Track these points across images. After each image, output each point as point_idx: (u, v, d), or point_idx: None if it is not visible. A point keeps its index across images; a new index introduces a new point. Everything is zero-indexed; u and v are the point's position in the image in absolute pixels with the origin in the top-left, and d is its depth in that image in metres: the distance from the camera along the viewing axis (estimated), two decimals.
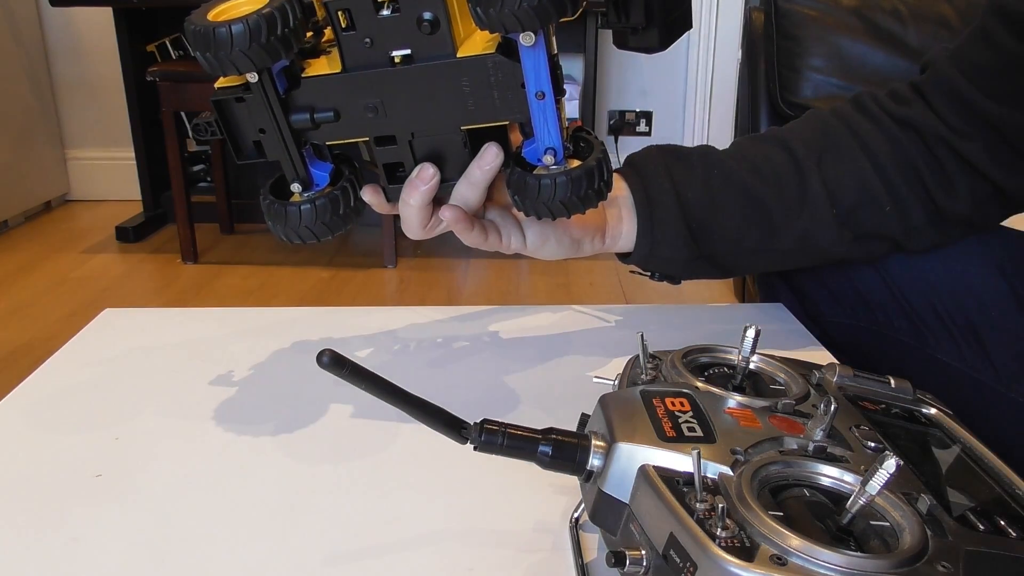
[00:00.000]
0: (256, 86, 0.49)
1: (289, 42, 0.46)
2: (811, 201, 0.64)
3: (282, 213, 0.52)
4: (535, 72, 0.47)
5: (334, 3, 0.47)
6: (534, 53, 0.46)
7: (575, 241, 0.61)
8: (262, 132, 0.51)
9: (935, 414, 0.46)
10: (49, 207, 3.03)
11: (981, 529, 0.34)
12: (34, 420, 0.55)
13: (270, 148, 0.52)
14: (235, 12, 0.47)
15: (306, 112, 0.51)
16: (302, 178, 0.53)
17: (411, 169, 0.53)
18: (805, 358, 0.49)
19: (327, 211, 0.52)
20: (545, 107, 0.48)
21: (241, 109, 0.51)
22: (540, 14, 0.43)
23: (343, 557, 0.42)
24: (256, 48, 0.45)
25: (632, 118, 3.07)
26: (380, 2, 0.47)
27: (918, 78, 0.67)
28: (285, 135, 0.51)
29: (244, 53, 0.45)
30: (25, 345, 1.95)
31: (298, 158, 0.52)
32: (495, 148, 0.52)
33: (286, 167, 0.53)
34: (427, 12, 0.46)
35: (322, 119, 0.51)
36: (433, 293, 2.29)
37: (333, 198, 0.52)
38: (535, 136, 0.50)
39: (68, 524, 0.45)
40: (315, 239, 0.53)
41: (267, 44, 0.45)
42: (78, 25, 2.96)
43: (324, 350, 0.35)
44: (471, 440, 0.38)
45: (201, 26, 0.46)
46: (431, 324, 0.71)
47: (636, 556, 0.34)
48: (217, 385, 0.60)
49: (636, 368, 0.46)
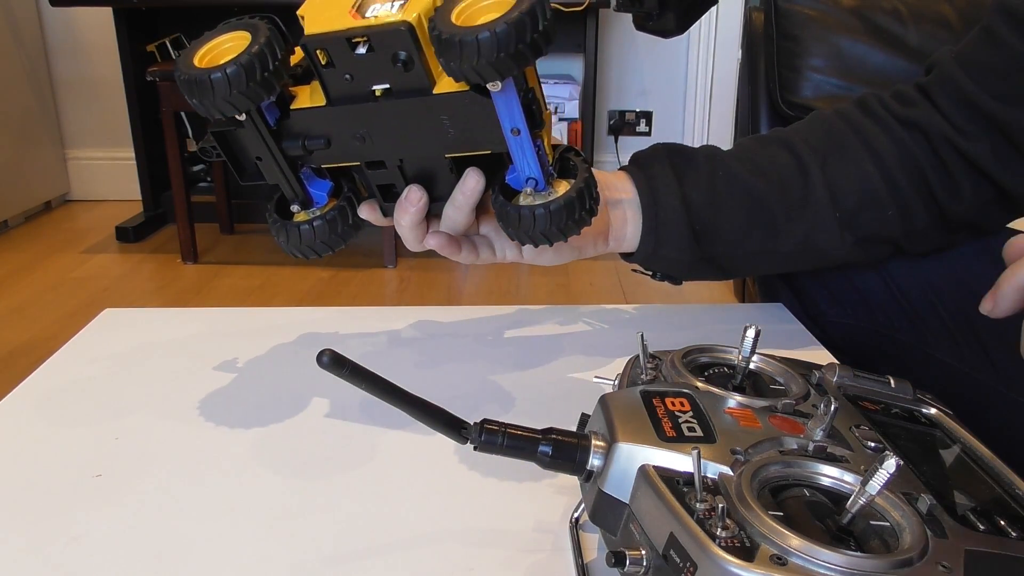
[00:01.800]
0: (247, 121, 0.50)
1: (271, 84, 0.48)
2: (814, 204, 0.63)
3: (284, 232, 0.55)
4: (508, 112, 0.48)
5: (311, 43, 0.48)
6: (504, 96, 0.47)
7: (575, 248, 0.61)
8: (258, 159, 0.53)
9: (935, 414, 0.46)
10: (49, 207, 3.03)
11: (981, 529, 0.34)
12: (34, 420, 0.55)
13: (268, 173, 0.54)
14: (219, 52, 0.49)
15: (298, 139, 0.52)
16: (301, 199, 0.55)
17: (403, 189, 0.55)
18: (805, 358, 0.49)
19: (326, 231, 0.55)
20: (522, 142, 0.49)
21: (239, 137, 0.53)
22: (501, 67, 0.43)
23: (343, 557, 0.42)
24: (236, 95, 0.47)
25: (632, 118, 3.07)
26: (355, 42, 0.47)
27: (923, 79, 0.67)
28: (280, 162, 0.53)
29: (226, 100, 0.47)
30: (25, 345, 1.95)
31: (295, 181, 0.54)
32: (476, 175, 0.53)
33: (285, 189, 0.55)
34: (401, 52, 0.47)
35: (313, 146, 0.52)
36: (433, 293, 2.29)
37: (331, 219, 0.55)
38: (515, 166, 0.51)
39: (68, 524, 0.45)
40: (317, 255, 0.56)
41: (249, 90, 0.47)
42: (78, 25, 2.96)
43: (324, 350, 0.35)
44: (471, 440, 0.38)
45: (187, 74, 0.47)
46: (431, 324, 0.70)
47: (636, 556, 0.34)
48: (217, 385, 0.60)
49: (636, 368, 0.46)
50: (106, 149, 3.09)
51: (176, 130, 2.34)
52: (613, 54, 3.00)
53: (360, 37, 0.47)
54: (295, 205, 0.55)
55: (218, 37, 0.50)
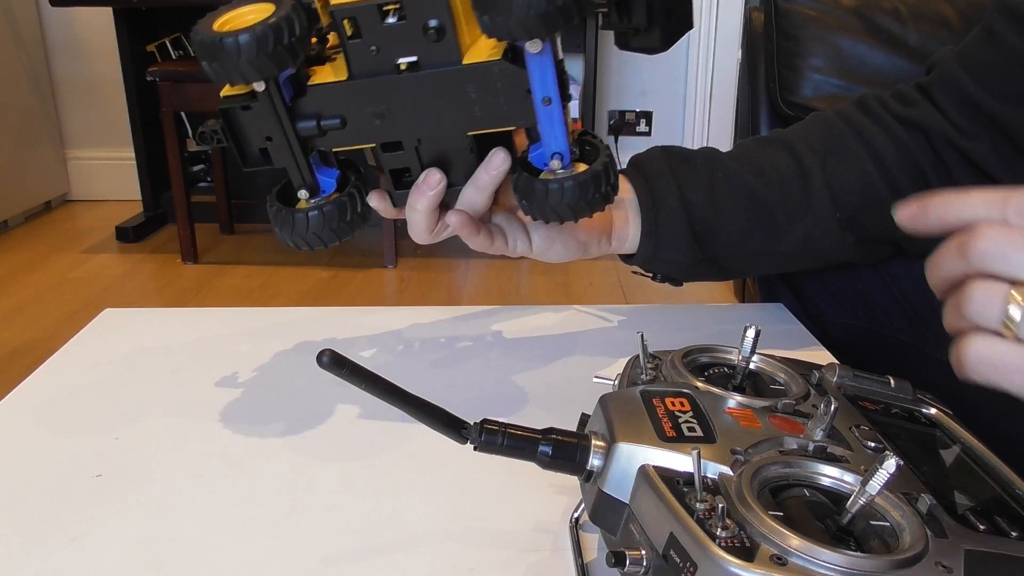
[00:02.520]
0: (263, 95, 0.49)
1: (295, 51, 0.46)
2: (814, 204, 0.63)
3: (289, 220, 0.52)
4: (541, 78, 0.47)
5: (340, 11, 0.47)
6: (541, 60, 0.46)
7: (581, 244, 0.61)
8: (269, 140, 0.51)
9: (935, 414, 0.46)
10: (49, 207, 3.03)
11: (981, 529, 0.34)
12: (34, 420, 0.55)
13: (277, 155, 0.52)
14: (241, 21, 0.47)
15: (312, 119, 0.51)
16: (309, 184, 0.53)
17: (418, 174, 0.53)
18: (805, 358, 0.49)
19: (334, 217, 0.52)
20: (552, 112, 0.48)
21: (247, 117, 0.51)
22: (547, 22, 0.43)
23: (343, 557, 0.42)
24: (262, 58, 0.45)
25: (632, 118, 3.07)
26: (386, 10, 0.46)
27: (924, 79, 0.67)
28: (292, 142, 0.51)
29: (251, 63, 0.45)
30: (25, 345, 1.95)
31: (305, 165, 0.52)
32: (503, 153, 0.52)
33: (293, 174, 0.53)
34: (433, 20, 0.46)
35: (328, 126, 0.51)
36: (433, 293, 2.29)
37: (340, 204, 0.52)
38: (542, 141, 0.50)
39: (68, 524, 0.45)
40: (323, 245, 0.53)
41: (273, 54, 0.45)
42: (78, 25, 2.96)
43: (324, 350, 0.35)
44: (471, 440, 0.38)
45: (207, 36, 0.45)
46: (431, 324, 0.70)
47: (636, 556, 0.34)
48: (217, 385, 0.60)
49: (636, 368, 0.46)
50: (106, 149, 3.09)
51: (176, 130, 2.34)
52: (613, 54, 2.99)
53: (392, 4, 0.46)
54: (303, 191, 0.53)
55: (239, 8, 0.48)
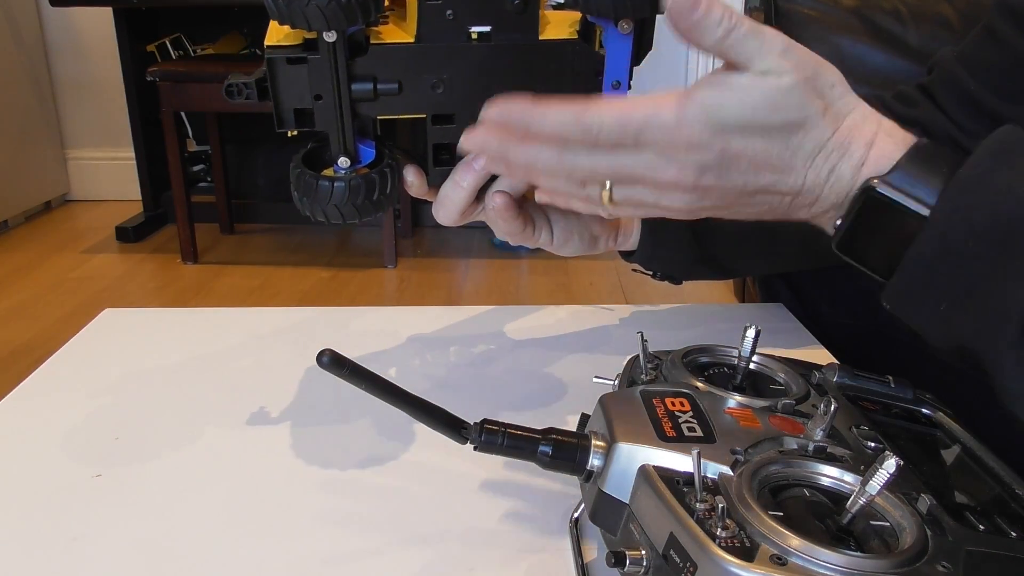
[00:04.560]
0: (328, 47, 0.45)
1: (368, 7, 0.43)
2: None
3: (313, 186, 0.49)
4: (617, 62, 0.47)
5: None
6: (623, 43, 0.46)
7: (594, 238, 0.61)
8: (318, 99, 0.48)
9: (935, 414, 0.46)
10: (49, 207, 3.03)
11: (981, 529, 0.34)
12: (34, 420, 0.55)
13: (322, 117, 0.48)
14: None
15: (369, 81, 0.48)
16: (350, 152, 0.49)
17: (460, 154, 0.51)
18: (805, 358, 0.49)
19: (360, 192, 0.49)
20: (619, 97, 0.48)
21: (296, 72, 0.47)
22: (642, 3, 0.43)
23: (343, 557, 0.42)
24: (335, 6, 0.42)
25: None
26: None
27: (925, 79, 0.67)
28: (344, 104, 0.48)
29: (320, 9, 0.42)
30: (25, 345, 1.95)
31: (351, 130, 0.49)
32: None
33: (334, 139, 0.49)
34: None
35: (384, 90, 0.48)
36: (433, 293, 2.29)
37: (370, 180, 0.49)
38: None
39: (68, 524, 0.45)
40: (340, 220, 0.50)
41: (347, 5, 0.42)
42: (78, 25, 2.96)
43: (324, 350, 0.35)
44: (471, 440, 0.38)
45: None
46: (431, 324, 0.70)
47: (636, 556, 0.34)
48: (217, 385, 0.60)
49: (636, 368, 0.46)
50: (106, 149, 3.09)
51: (176, 130, 2.34)
52: None
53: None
54: (343, 159, 0.49)
55: None
